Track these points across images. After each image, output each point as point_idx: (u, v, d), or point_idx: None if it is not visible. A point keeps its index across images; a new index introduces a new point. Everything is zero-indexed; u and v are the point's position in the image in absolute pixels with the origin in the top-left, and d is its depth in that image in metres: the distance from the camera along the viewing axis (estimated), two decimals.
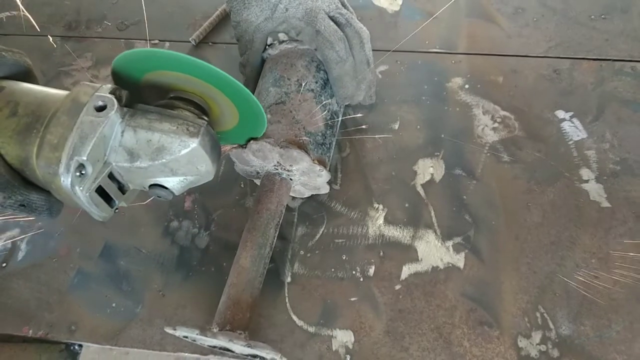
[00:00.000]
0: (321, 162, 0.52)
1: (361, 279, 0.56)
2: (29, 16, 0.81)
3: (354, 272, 0.57)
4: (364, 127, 0.65)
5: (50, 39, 0.78)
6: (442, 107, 0.66)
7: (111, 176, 0.41)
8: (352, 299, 0.55)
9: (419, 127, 0.65)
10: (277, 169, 0.54)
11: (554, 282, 0.54)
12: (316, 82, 0.55)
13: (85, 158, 0.37)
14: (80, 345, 0.64)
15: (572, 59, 0.69)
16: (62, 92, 0.40)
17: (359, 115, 0.66)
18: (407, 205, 0.60)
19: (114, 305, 0.57)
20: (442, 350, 0.52)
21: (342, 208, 0.60)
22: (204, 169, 0.43)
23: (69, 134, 0.37)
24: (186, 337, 0.48)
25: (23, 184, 0.39)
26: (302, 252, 0.58)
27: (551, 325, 0.52)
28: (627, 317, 0.52)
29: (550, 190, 0.59)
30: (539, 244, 0.56)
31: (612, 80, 0.66)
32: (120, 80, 0.43)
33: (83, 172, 0.37)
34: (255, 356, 0.49)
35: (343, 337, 0.54)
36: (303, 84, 0.54)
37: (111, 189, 0.41)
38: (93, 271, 0.60)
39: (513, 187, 0.60)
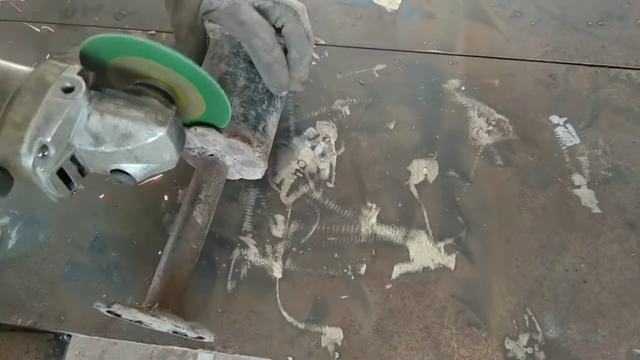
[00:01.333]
0: (245, 138, 0.52)
1: (352, 277, 0.57)
2: (25, 2, 0.80)
3: (345, 270, 0.57)
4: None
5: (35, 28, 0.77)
6: (437, 108, 0.67)
7: (73, 159, 0.40)
8: (343, 297, 0.56)
9: (414, 127, 0.65)
10: (219, 154, 0.55)
11: (542, 286, 0.55)
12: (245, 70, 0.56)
13: (49, 139, 0.36)
14: (69, 335, 0.63)
15: (568, 64, 0.69)
16: (26, 69, 0.39)
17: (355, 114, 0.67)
18: (400, 205, 0.60)
19: (104, 296, 0.57)
20: (430, 350, 0.53)
21: (335, 206, 0.61)
22: (168, 158, 0.43)
23: (34, 114, 0.36)
24: (110, 312, 0.47)
25: None
26: (294, 249, 0.58)
27: (538, 328, 0.53)
28: (613, 322, 0.53)
29: (542, 194, 0.60)
30: (529, 247, 0.57)
31: (607, 87, 0.66)
32: (88, 62, 0.42)
33: (46, 153, 0.37)
34: (183, 334, 0.50)
35: (332, 334, 0.54)
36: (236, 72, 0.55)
37: (72, 171, 0.41)
38: (84, 262, 0.59)
39: (505, 190, 0.60)
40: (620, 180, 0.60)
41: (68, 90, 0.37)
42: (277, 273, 0.57)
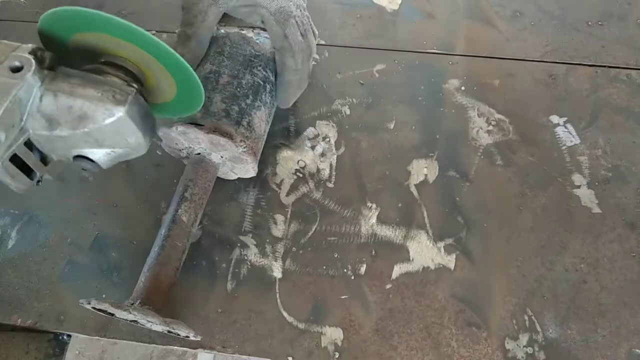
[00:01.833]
0: (225, 133, 0.52)
1: (352, 277, 0.57)
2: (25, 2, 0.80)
3: (345, 270, 0.57)
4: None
5: None
6: (437, 108, 0.67)
7: (29, 145, 0.38)
8: (343, 297, 0.56)
9: (414, 127, 0.65)
10: (205, 152, 0.55)
11: (542, 286, 0.55)
12: (264, 81, 0.56)
13: None
14: (69, 335, 0.63)
15: (568, 64, 0.69)
16: None
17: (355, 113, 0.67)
18: (400, 205, 0.60)
19: (104, 296, 0.57)
20: (430, 350, 0.53)
21: (335, 206, 0.61)
22: (134, 141, 0.40)
23: None
24: (100, 310, 0.47)
25: None
26: (294, 249, 0.58)
27: (538, 328, 0.53)
28: (613, 322, 0.53)
29: (542, 194, 0.60)
30: (529, 247, 0.57)
31: (607, 87, 0.66)
32: (47, 40, 0.39)
33: None
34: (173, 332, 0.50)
35: (332, 334, 0.54)
36: (254, 79, 0.55)
37: (30, 159, 0.38)
38: (84, 262, 0.59)
39: (506, 190, 0.60)
40: (620, 180, 0.60)
41: (16, 70, 0.35)
42: (277, 273, 0.57)
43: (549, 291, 0.55)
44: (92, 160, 0.40)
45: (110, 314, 0.48)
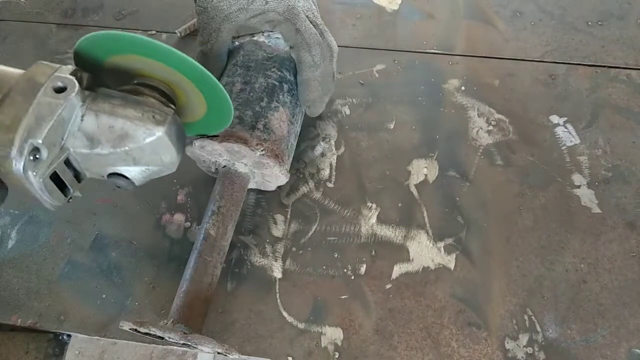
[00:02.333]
0: (239, 138, 0.51)
1: (352, 277, 0.57)
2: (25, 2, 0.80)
3: (345, 270, 0.57)
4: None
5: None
6: (437, 108, 0.67)
7: (67, 162, 0.39)
8: (343, 297, 0.56)
9: (414, 127, 0.65)
10: (229, 163, 0.54)
11: (542, 286, 0.55)
12: (280, 81, 0.56)
13: (40, 141, 0.35)
14: (69, 335, 0.64)
15: (568, 64, 0.69)
16: (18, 71, 0.38)
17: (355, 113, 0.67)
18: (400, 205, 0.60)
19: (104, 296, 0.57)
20: (430, 350, 0.53)
21: (335, 206, 0.61)
22: (168, 160, 0.41)
23: (24, 115, 0.35)
24: (136, 330, 0.47)
25: None
26: (294, 249, 0.58)
27: (538, 328, 0.53)
28: (613, 322, 0.53)
29: (542, 194, 0.60)
30: (529, 247, 0.57)
31: (607, 87, 0.66)
32: (83, 62, 0.41)
33: (37, 156, 0.35)
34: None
35: (332, 334, 0.54)
36: (268, 81, 0.55)
37: (67, 176, 0.39)
38: (84, 262, 0.59)
39: (505, 190, 0.60)
40: (620, 180, 0.60)
41: (60, 90, 0.36)
42: (277, 273, 0.57)
43: (549, 291, 0.55)
44: (126, 178, 0.41)
45: (146, 334, 0.48)
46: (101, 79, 0.42)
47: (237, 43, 0.59)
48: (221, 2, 0.51)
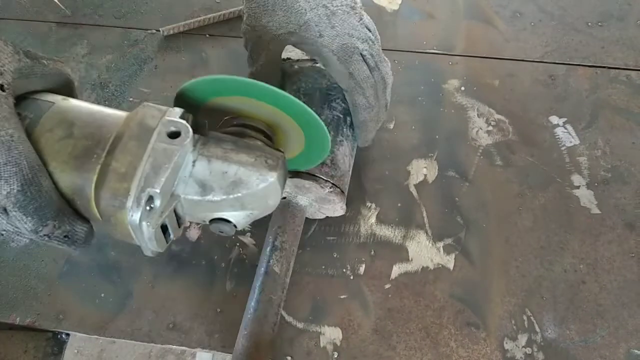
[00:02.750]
0: (309, 175, 0.50)
1: (351, 277, 0.57)
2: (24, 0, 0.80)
3: (344, 270, 0.57)
4: None
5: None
6: (437, 109, 0.67)
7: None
8: (342, 297, 0.56)
9: (413, 127, 0.65)
10: (290, 195, 0.53)
11: (541, 286, 0.55)
12: (344, 114, 0.54)
13: (158, 190, 0.32)
14: (68, 335, 0.63)
15: (568, 64, 0.69)
16: (120, 113, 0.36)
17: None
18: (399, 205, 0.60)
19: (102, 295, 0.57)
20: (428, 350, 0.53)
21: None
22: (273, 203, 0.39)
23: (139, 163, 0.33)
24: None
25: (71, 214, 0.35)
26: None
27: (537, 329, 0.53)
28: (612, 322, 0.53)
29: (542, 195, 0.60)
30: (528, 247, 0.57)
31: (607, 87, 0.67)
32: (182, 104, 0.39)
33: (152, 205, 0.33)
34: None
35: (331, 334, 0.54)
36: (333, 113, 0.53)
37: (173, 223, 0.37)
38: (83, 261, 0.59)
39: (505, 190, 0.61)
40: (619, 181, 0.60)
41: (174, 135, 0.34)
42: None
43: (548, 291, 0.55)
44: (229, 222, 0.39)
45: None
46: (196, 120, 0.39)
47: (296, 67, 0.56)
48: (270, 22, 0.48)
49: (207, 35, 0.75)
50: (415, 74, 0.70)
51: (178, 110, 0.36)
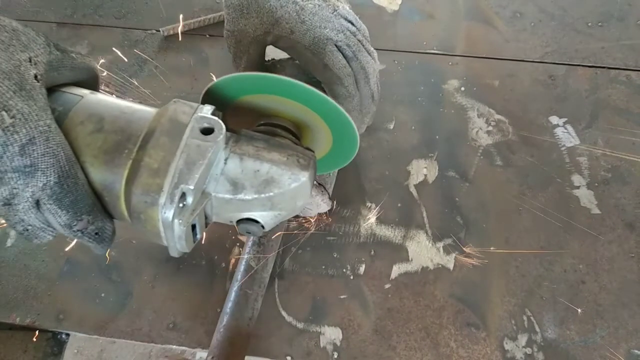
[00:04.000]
0: (315, 185, 0.50)
1: (351, 277, 0.57)
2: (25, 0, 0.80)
3: (344, 270, 0.57)
4: None
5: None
6: (437, 109, 0.67)
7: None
8: (342, 297, 0.56)
9: (413, 127, 0.65)
10: None
11: (541, 286, 0.55)
12: None
13: (192, 187, 0.31)
14: (68, 334, 0.63)
15: (568, 65, 0.69)
16: (148, 108, 0.36)
17: None
18: (399, 205, 0.60)
19: (103, 295, 0.57)
20: (428, 350, 0.53)
21: (334, 206, 0.61)
22: (301, 204, 0.38)
23: (172, 158, 0.32)
24: None
25: (103, 210, 0.34)
26: (293, 249, 0.58)
27: (537, 329, 0.53)
28: (612, 322, 0.53)
29: (542, 195, 0.60)
30: (528, 247, 0.57)
31: (607, 88, 0.67)
32: (212, 101, 0.37)
33: (185, 203, 0.32)
34: None
35: (331, 334, 0.54)
36: None
37: (201, 222, 0.36)
38: (83, 261, 0.59)
39: (505, 190, 0.60)
40: (619, 181, 0.60)
41: (207, 132, 0.33)
42: (276, 273, 0.57)
43: (548, 292, 0.55)
44: (257, 222, 0.38)
45: None
46: (225, 118, 0.38)
47: (278, 66, 0.56)
48: (247, 25, 0.49)
49: (207, 36, 0.75)
50: (415, 74, 0.70)
51: (209, 107, 0.35)
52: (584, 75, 0.68)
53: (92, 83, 0.38)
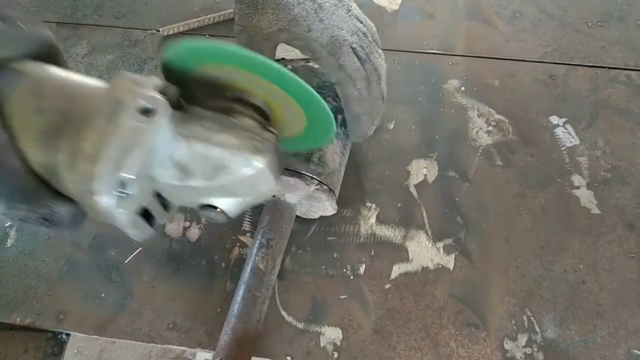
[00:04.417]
0: (294, 172, 0.49)
1: (351, 277, 0.57)
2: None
3: (344, 270, 0.57)
4: None
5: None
6: (437, 109, 0.67)
7: (155, 193, 0.33)
8: (342, 297, 0.56)
9: (413, 127, 0.65)
10: (279, 193, 0.53)
11: (541, 286, 0.55)
12: (335, 112, 0.52)
13: (128, 175, 0.29)
14: (68, 335, 0.63)
15: (568, 65, 0.69)
16: (98, 84, 0.32)
17: None
18: (399, 205, 0.60)
19: (103, 295, 0.57)
20: (428, 350, 0.53)
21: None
22: (266, 190, 0.35)
23: (107, 143, 0.28)
24: None
25: (49, 195, 0.31)
26: (293, 249, 0.58)
27: (537, 329, 0.53)
28: (612, 322, 0.53)
29: (542, 195, 0.60)
30: (528, 248, 0.57)
31: (607, 88, 0.66)
32: (170, 73, 0.35)
33: (125, 190, 0.30)
34: None
35: (331, 334, 0.54)
36: None
37: (155, 208, 0.33)
38: (83, 261, 0.59)
39: (505, 190, 0.61)
40: (619, 181, 0.60)
41: (147, 112, 0.30)
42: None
43: (548, 292, 0.55)
44: (220, 210, 0.35)
45: None
46: (189, 91, 0.35)
47: (289, 66, 0.56)
48: (261, 21, 0.47)
49: (207, 36, 0.75)
50: (415, 74, 0.70)
51: (156, 82, 0.31)
52: (584, 75, 0.68)
53: (51, 54, 0.34)
